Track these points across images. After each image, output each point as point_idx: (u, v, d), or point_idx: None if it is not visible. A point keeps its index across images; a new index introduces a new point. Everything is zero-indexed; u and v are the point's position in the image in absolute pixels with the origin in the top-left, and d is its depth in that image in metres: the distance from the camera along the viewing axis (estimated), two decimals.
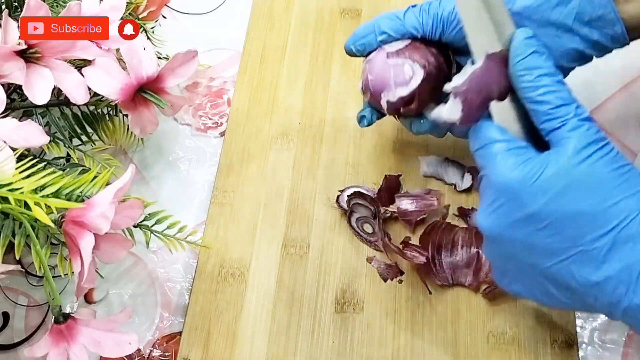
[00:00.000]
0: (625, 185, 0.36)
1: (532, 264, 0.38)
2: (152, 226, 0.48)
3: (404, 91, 0.45)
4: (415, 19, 0.46)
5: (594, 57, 0.45)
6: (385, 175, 0.55)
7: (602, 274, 0.36)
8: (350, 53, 0.49)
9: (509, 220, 0.38)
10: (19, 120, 0.43)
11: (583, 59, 0.45)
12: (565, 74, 0.45)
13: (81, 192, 0.41)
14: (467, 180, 0.55)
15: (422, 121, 0.49)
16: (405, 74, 0.45)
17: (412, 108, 0.46)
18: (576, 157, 0.36)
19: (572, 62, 0.45)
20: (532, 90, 0.37)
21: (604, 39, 0.43)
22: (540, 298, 0.40)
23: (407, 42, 0.46)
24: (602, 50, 0.44)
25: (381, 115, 0.50)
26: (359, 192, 0.54)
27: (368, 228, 0.54)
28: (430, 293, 0.50)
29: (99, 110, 0.53)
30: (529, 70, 0.37)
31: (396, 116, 0.49)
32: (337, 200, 0.55)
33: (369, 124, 0.50)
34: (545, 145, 0.38)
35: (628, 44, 0.44)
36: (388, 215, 0.53)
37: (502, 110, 0.39)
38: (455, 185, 0.55)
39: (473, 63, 0.40)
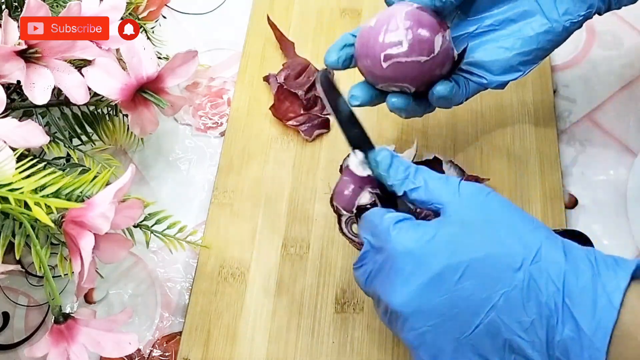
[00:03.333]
0: (521, 223, 0.37)
1: (460, 333, 0.36)
2: (152, 226, 0.48)
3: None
4: None
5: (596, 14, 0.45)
6: None
7: (531, 310, 0.35)
8: (333, 66, 0.46)
9: (424, 282, 0.36)
10: (19, 120, 0.43)
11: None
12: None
13: (81, 192, 0.41)
14: None
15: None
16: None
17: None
18: (466, 210, 0.38)
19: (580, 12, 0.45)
20: (409, 193, 0.40)
21: None
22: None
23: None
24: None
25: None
26: None
27: (356, 228, 0.53)
28: None
29: (99, 110, 0.53)
30: (397, 180, 0.41)
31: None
32: (331, 202, 0.54)
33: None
34: None
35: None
36: None
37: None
38: None
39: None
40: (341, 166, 0.56)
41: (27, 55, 0.44)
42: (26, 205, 0.38)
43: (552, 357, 0.35)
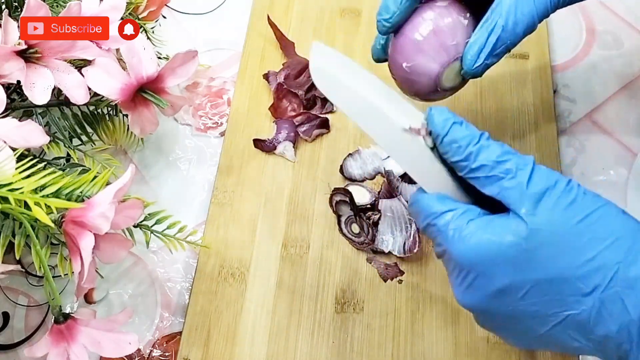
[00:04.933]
0: (595, 238, 0.33)
1: (526, 330, 0.36)
2: (152, 226, 0.48)
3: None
4: None
5: None
6: (385, 174, 0.55)
7: (599, 335, 0.33)
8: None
9: (486, 294, 0.35)
10: (19, 120, 0.43)
11: None
12: None
13: (81, 192, 0.41)
14: None
15: None
16: None
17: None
18: (533, 218, 0.33)
19: None
20: (464, 160, 0.35)
21: None
22: (554, 349, 0.38)
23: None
24: None
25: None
26: (343, 189, 0.54)
27: (355, 228, 0.53)
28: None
29: (99, 110, 0.53)
30: (455, 142, 0.35)
31: None
32: (330, 201, 0.55)
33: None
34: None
35: None
36: (377, 216, 0.53)
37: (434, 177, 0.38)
38: None
39: None
40: (341, 166, 0.56)
41: (27, 55, 0.44)
42: (26, 205, 0.38)
43: None
